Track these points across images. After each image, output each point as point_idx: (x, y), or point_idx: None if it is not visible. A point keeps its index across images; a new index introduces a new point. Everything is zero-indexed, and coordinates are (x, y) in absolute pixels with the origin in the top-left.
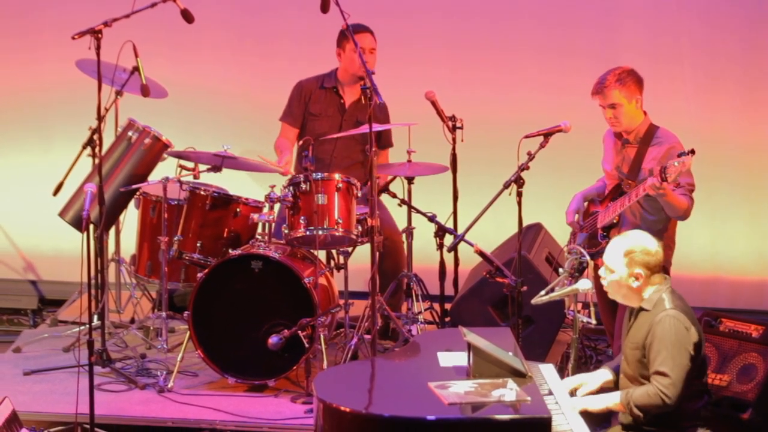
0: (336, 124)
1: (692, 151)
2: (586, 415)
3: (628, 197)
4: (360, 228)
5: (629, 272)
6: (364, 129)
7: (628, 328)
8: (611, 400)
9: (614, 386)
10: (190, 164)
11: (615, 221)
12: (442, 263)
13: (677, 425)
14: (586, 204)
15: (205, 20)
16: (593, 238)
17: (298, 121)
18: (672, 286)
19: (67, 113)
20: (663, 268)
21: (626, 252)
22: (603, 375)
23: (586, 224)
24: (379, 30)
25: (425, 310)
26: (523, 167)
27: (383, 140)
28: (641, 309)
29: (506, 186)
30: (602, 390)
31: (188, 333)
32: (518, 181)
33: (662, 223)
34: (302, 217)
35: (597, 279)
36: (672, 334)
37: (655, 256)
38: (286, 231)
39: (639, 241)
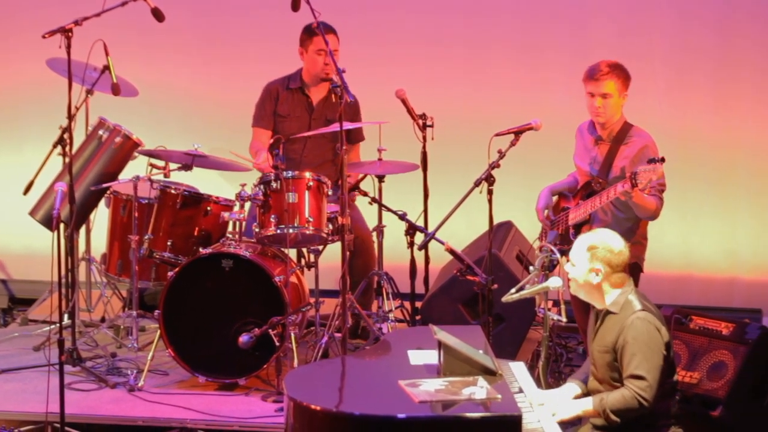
0: (304, 124)
1: (663, 159)
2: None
3: (599, 198)
4: (331, 226)
5: (589, 267)
6: (335, 128)
7: (594, 331)
8: (583, 407)
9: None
10: (160, 163)
11: (586, 219)
12: (412, 261)
13: (650, 425)
14: (555, 198)
15: (176, 20)
16: (564, 236)
17: (270, 124)
18: (643, 283)
19: (38, 112)
20: (632, 264)
21: (589, 247)
22: (571, 390)
23: (557, 220)
24: (349, 27)
25: (396, 308)
26: (494, 165)
27: (354, 135)
28: (608, 312)
29: (477, 184)
30: None
31: (159, 332)
32: (489, 179)
33: (633, 220)
34: (273, 216)
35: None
36: (645, 336)
37: (619, 256)
38: (257, 229)
39: (604, 239)
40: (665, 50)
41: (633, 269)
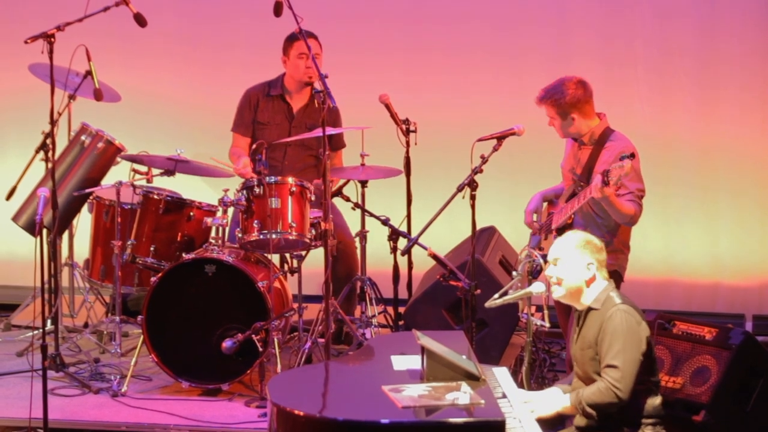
0: (284, 132)
1: (632, 155)
2: (540, 420)
3: (577, 200)
4: (313, 231)
5: (583, 262)
6: (316, 133)
7: (577, 333)
8: (561, 404)
9: None
10: (143, 168)
11: (569, 222)
12: (395, 267)
13: (633, 422)
14: (545, 204)
15: (159, 26)
16: (548, 241)
17: (249, 130)
18: (625, 288)
19: (20, 118)
20: (612, 272)
21: (577, 245)
22: (554, 393)
23: (543, 225)
24: (332, 34)
25: (379, 313)
26: (477, 170)
27: (335, 142)
28: (590, 309)
29: (460, 189)
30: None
31: (142, 337)
32: (472, 185)
33: (611, 226)
34: (256, 221)
35: None
36: (624, 328)
37: (602, 251)
38: (240, 235)
39: (586, 236)
40: (647, 54)
41: (614, 278)
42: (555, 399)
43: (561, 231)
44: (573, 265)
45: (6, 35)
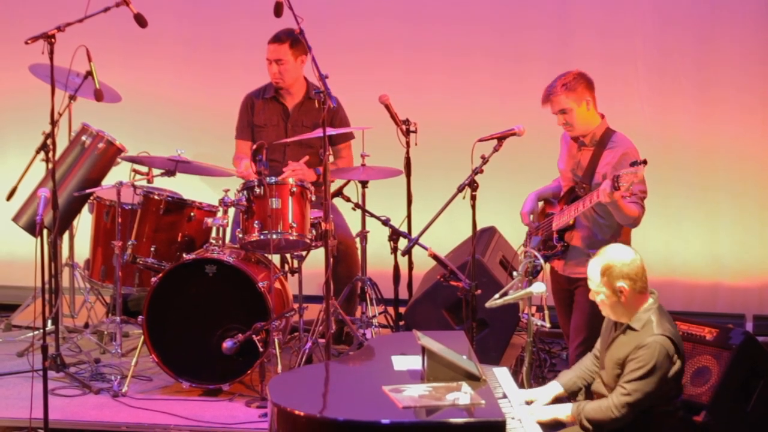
0: (282, 132)
1: (644, 162)
2: (539, 423)
3: (582, 203)
4: (314, 232)
5: (612, 289)
6: (316, 134)
7: (610, 340)
8: (562, 412)
9: (566, 400)
10: (144, 169)
11: (570, 223)
12: (396, 267)
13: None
14: (541, 204)
15: (159, 27)
16: (548, 241)
17: (249, 135)
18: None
19: (21, 118)
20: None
21: (603, 270)
22: (554, 389)
23: (541, 226)
24: (333, 34)
25: (379, 313)
26: (477, 171)
27: (336, 137)
28: (629, 327)
29: (460, 189)
30: (556, 403)
31: (142, 337)
32: (472, 185)
33: (614, 227)
34: (256, 221)
35: (552, 282)
36: (652, 362)
37: (632, 265)
38: (241, 235)
39: (612, 256)
40: (647, 55)
41: None
42: (556, 407)
43: (561, 232)
44: (605, 293)
45: (6, 35)
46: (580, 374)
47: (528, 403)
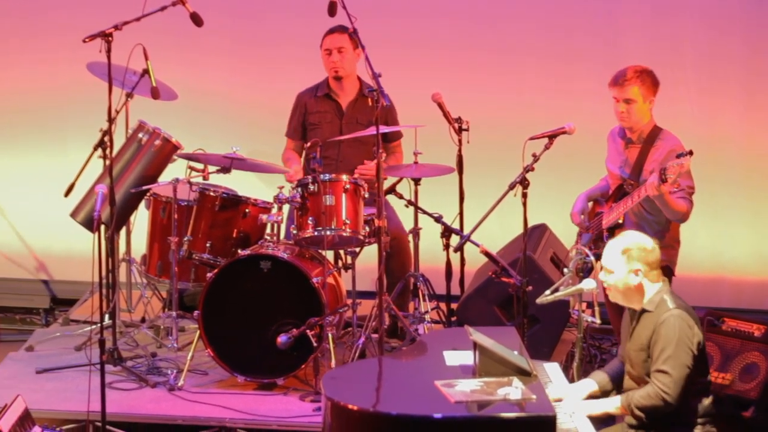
0: (336, 129)
1: (690, 152)
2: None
3: (630, 198)
4: (367, 228)
5: (629, 268)
6: (370, 131)
7: (630, 331)
8: (612, 405)
9: (600, 396)
10: (199, 166)
11: (620, 221)
12: (448, 263)
13: (685, 422)
14: (590, 204)
15: (214, 24)
16: (598, 239)
17: (299, 135)
18: (675, 286)
19: (81, 114)
20: (664, 267)
21: (623, 250)
22: (588, 386)
23: (591, 225)
24: (388, 33)
25: (432, 309)
26: (528, 168)
27: (390, 134)
28: (644, 310)
29: (511, 187)
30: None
31: (198, 332)
32: (523, 182)
33: (663, 223)
34: (310, 218)
35: None
36: (676, 333)
37: (653, 253)
38: (295, 231)
39: (635, 239)
40: (696, 59)
41: (665, 272)
42: (605, 401)
43: (612, 230)
44: (620, 272)
45: (64, 28)
46: (611, 375)
47: (557, 400)
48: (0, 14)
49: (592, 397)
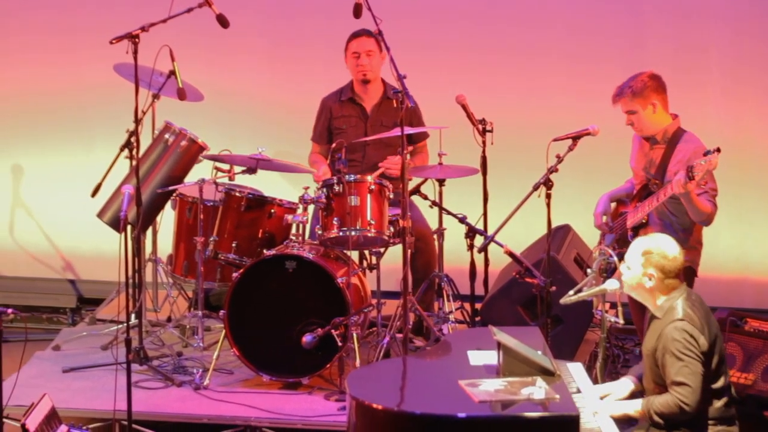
0: (361, 132)
1: (718, 150)
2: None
3: (656, 197)
4: (392, 229)
5: (643, 271)
6: (394, 132)
7: (644, 334)
8: (632, 407)
9: (640, 395)
10: (225, 166)
11: (644, 221)
12: (472, 264)
13: (700, 425)
14: (614, 205)
15: (240, 25)
16: (622, 239)
17: (325, 139)
18: (698, 287)
19: (107, 115)
20: (686, 268)
21: (644, 251)
22: (627, 384)
23: (615, 225)
24: (412, 35)
25: (456, 309)
26: (552, 169)
27: (415, 135)
28: (653, 317)
29: (535, 188)
30: (632, 398)
31: (224, 332)
32: (547, 183)
33: (687, 225)
34: (335, 218)
35: None
36: (681, 345)
37: (672, 262)
38: (320, 232)
39: (659, 244)
40: (721, 61)
41: (688, 273)
42: (627, 402)
43: (636, 229)
44: (636, 272)
45: (91, 28)
46: (638, 376)
47: (602, 398)
48: (27, 13)
49: (633, 394)
